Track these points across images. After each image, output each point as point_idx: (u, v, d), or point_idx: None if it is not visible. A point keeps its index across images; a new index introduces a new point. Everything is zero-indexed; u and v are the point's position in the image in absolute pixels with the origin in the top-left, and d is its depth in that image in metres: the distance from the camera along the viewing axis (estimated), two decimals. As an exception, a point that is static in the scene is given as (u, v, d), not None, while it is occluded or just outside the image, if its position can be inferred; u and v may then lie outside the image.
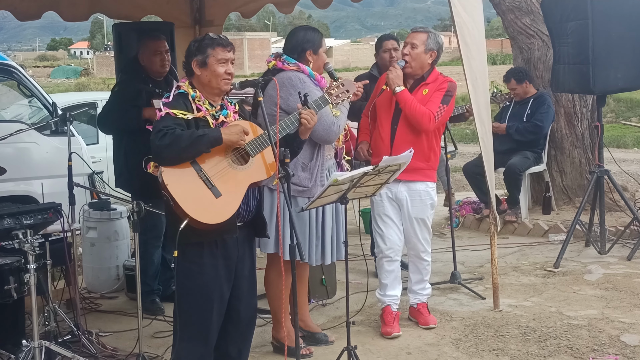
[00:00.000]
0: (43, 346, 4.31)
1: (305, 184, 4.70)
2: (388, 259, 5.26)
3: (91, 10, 6.95)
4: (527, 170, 8.11)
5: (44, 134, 7.20)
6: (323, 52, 4.86)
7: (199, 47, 3.88)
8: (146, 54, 5.86)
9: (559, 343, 4.96)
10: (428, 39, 5.13)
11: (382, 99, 5.24)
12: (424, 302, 5.44)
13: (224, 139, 3.73)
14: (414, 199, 5.18)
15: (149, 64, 5.85)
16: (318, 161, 4.75)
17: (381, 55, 6.47)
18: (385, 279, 5.30)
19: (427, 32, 5.20)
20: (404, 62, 5.12)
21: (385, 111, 5.18)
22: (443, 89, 5.14)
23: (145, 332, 4.97)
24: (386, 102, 5.20)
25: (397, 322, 5.28)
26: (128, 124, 5.68)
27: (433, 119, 5.05)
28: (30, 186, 6.93)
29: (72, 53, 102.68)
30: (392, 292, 5.31)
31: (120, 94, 5.89)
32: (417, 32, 5.22)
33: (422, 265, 5.36)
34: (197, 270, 3.82)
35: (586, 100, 8.45)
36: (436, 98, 5.11)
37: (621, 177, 8.73)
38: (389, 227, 5.22)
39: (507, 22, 8.79)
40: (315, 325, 5.18)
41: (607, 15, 6.61)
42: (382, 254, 5.27)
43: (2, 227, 4.37)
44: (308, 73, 4.73)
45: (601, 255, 6.97)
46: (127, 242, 6.56)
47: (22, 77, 7.78)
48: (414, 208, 5.18)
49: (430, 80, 5.18)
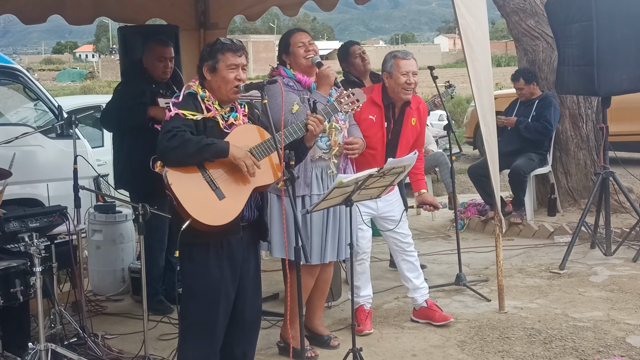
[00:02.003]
0: (49, 349, 4.32)
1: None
2: (360, 262, 5.30)
3: (96, 13, 6.98)
4: (532, 172, 8.11)
5: (49, 137, 7.21)
6: (296, 48, 4.76)
7: (210, 52, 3.88)
8: (150, 57, 5.88)
9: (565, 345, 4.95)
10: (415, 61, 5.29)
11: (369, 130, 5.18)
12: (429, 299, 5.47)
13: (230, 152, 3.71)
14: (392, 205, 5.33)
15: (152, 69, 5.87)
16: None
17: (353, 61, 6.54)
18: (358, 281, 5.31)
19: (413, 58, 5.31)
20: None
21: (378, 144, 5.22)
22: (425, 118, 5.46)
23: (151, 334, 4.98)
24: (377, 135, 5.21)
25: (370, 320, 5.34)
26: (133, 121, 5.71)
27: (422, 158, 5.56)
28: (36, 189, 6.94)
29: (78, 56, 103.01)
30: (365, 292, 5.39)
31: (123, 92, 5.92)
32: (409, 59, 5.25)
33: (410, 262, 5.42)
34: (203, 271, 3.83)
35: (591, 102, 8.44)
36: (422, 133, 5.49)
37: (626, 178, 8.70)
38: (362, 231, 5.25)
39: (511, 24, 8.78)
40: (323, 327, 5.18)
41: (612, 16, 6.61)
42: (356, 256, 5.27)
43: (8, 230, 4.38)
44: (285, 74, 4.75)
45: (607, 257, 6.96)
46: (132, 245, 6.57)
47: (27, 81, 7.80)
48: (395, 213, 5.32)
49: (414, 105, 5.34)
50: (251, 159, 3.75)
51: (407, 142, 5.31)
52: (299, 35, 4.81)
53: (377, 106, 5.23)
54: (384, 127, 5.21)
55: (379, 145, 5.21)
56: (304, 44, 4.76)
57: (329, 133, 4.76)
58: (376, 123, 5.21)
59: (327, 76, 4.66)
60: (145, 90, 5.79)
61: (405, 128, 5.29)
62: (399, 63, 5.19)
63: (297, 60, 4.76)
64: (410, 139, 5.33)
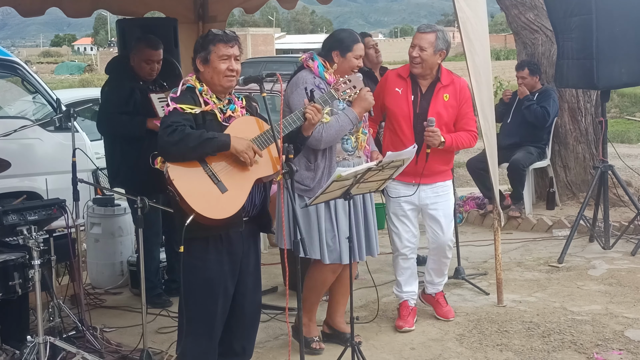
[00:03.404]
0: (47, 342, 4.33)
1: (307, 184, 4.63)
2: (403, 257, 5.27)
3: (94, 6, 6.96)
4: (531, 166, 8.12)
5: (48, 130, 7.21)
6: (353, 58, 4.69)
7: (202, 44, 3.87)
8: (138, 58, 5.81)
9: (563, 338, 4.96)
10: (437, 40, 4.99)
11: (395, 103, 5.14)
12: (442, 292, 5.47)
13: (232, 145, 3.71)
14: (438, 199, 5.19)
15: (138, 68, 5.82)
16: (324, 162, 4.63)
17: (367, 52, 6.41)
18: (401, 276, 5.32)
19: (434, 32, 5.02)
20: (434, 119, 4.98)
21: (405, 119, 5.11)
22: (469, 97, 5.14)
23: (149, 327, 4.99)
24: (403, 108, 5.11)
25: (413, 317, 5.30)
26: (131, 132, 5.67)
27: (475, 134, 5.18)
28: (35, 182, 6.94)
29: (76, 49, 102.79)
30: (409, 288, 5.34)
31: (112, 95, 5.81)
32: (424, 32, 5.05)
33: (444, 263, 5.37)
34: (202, 265, 3.83)
35: (590, 96, 8.44)
36: (469, 113, 5.16)
37: (625, 172, 8.70)
38: (405, 225, 5.22)
39: (510, 18, 8.78)
40: (345, 325, 5.04)
41: (611, 10, 6.60)
42: (397, 252, 5.29)
43: (7, 223, 4.37)
44: (318, 72, 4.65)
45: (605, 251, 6.97)
46: (131, 238, 6.56)
47: (26, 74, 7.79)
48: (438, 208, 5.19)
49: (446, 81, 5.10)
50: (253, 150, 3.74)
51: (439, 116, 5.04)
52: (361, 46, 4.75)
53: (403, 79, 5.14)
54: (409, 99, 5.10)
55: (406, 118, 5.10)
56: (360, 56, 4.74)
57: (355, 134, 4.74)
58: (402, 96, 5.12)
59: (365, 99, 4.59)
60: (133, 89, 5.73)
61: (435, 102, 5.07)
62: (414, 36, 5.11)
63: (344, 69, 4.66)
64: (443, 115, 5.06)
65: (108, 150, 6.00)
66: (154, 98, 5.68)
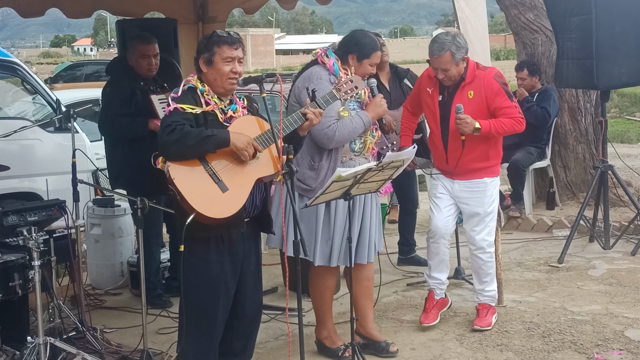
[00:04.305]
0: (48, 342, 4.33)
1: (309, 184, 4.57)
2: (432, 241, 5.25)
3: (94, 7, 6.95)
4: (531, 166, 8.12)
5: (47, 131, 7.21)
6: (368, 65, 4.63)
7: (206, 45, 3.87)
8: (134, 55, 5.83)
9: (563, 338, 4.96)
10: (453, 56, 4.85)
11: (426, 103, 5.14)
12: (486, 304, 5.27)
13: (231, 142, 3.71)
14: (472, 194, 5.13)
15: (136, 66, 5.83)
16: (328, 163, 4.57)
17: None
18: (431, 260, 5.29)
19: (447, 52, 4.84)
20: (462, 106, 4.90)
21: (433, 118, 5.13)
22: (498, 90, 4.96)
23: (149, 328, 4.99)
24: (431, 108, 5.11)
25: (437, 310, 5.26)
26: (133, 133, 5.68)
27: (520, 119, 4.99)
28: (35, 183, 6.94)
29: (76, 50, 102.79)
30: (437, 274, 5.28)
31: (113, 97, 5.81)
32: (438, 56, 4.88)
33: (478, 265, 5.24)
34: (203, 265, 3.83)
35: (590, 96, 8.44)
36: (505, 103, 4.96)
37: (625, 172, 8.71)
38: (438, 209, 5.20)
39: (510, 18, 8.78)
40: (378, 332, 4.96)
41: (611, 10, 6.60)
42: (429, 234, 5.28)
43: (7, 224, 4.38)
44: (333, 70, 4.61)
45: (605, 251, 6.97)
46: (131, 239, 6.56)
47: (25, 74, 7.79)
48: (469, 204, 5.13)
49: (470, 78, 4.98)
50: (252, 146, 3.74)
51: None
52: (379, 54, 4.75)
53: (433, 80, 5.11)
54: (436, 100, 5.08)
55: (434, 118, 5.10)
56: (376, 64, 4.72)
57: (363, 136, 4.68)
58: (431, 96, 5.11)
59: (380, 106, 4.61)
60: (134, 90, 5.74)
61: (458, 100, 4.98)
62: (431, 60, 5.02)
63: (357, 73, 4.59)
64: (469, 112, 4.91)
65: (109, 152, 6.00)
66: (154, 99, 5.68)
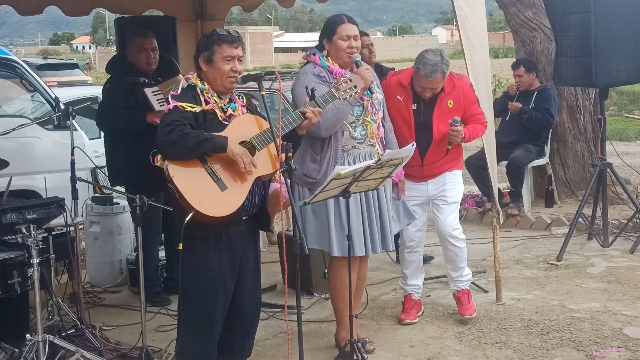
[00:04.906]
0: (47, 340, 4.33)
1: (313, 176, 4.55)
2: (409, 250, 5.32)
3: (93, 4, 6.95)
4: (530, 164, 8.12)
5: (46, 129, 7.20)
6: (339, 40, 4.58)
7: (206, 43, 3.87)
8: (133, 50, 5.85)
9: (562, 336, 4.96)
10: (444, 76, 4.96)
11: (397, 110, 5.11)
12: (464, 289, 5.37)
13: (228, 147, 3.70)
14: (445, 187, 5.21)
15: (136, 61, 5.84)
16: (329, 152, 4.56)
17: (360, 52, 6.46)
18: (407, 269, 5.38)
19: (440, 73, 4.93)
20: (459, 118, 5.02)
21: (406, 126, 5.11)
22: (474, 99, 5.16)
23: (148, 325, 5.00)
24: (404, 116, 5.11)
25: (416, 311, 5.35)
26: (131, 126, 5.67)
27: (487, 124, 5.27)
28: (33, 181, 6.92)
29: (75, 48, 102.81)
30: (414, 281, 5.39)
31: (113, 92, 5.83)
32: (431, 79, 4.94)
33: (454, 253, 5.31)
34: (202, 264, 3.83)
35: (589, 94, 8.44)
36: (477, 110, 5.19)
37: (624, 170, 8.71)
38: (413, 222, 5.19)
39: (509, 15, 8.77)
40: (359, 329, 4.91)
41: (610, 8, 6.60)
42: (404, 245, 5.33)
43: (6, 221, 4.38)
44: (320, 63, 4.61)
45: (604, 248, 6.97)
46: (130, 237, 6.57)
47: (24, 72, 7.78)
48: (447, 195, 5.20)
49: (449, 88, 5.07)
50: (249, 157, 3.74)
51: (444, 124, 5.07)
52: (347, 26, 4.62)
53: (404, 88, 5.11)
54: (410, 108, 5.08)
55: (406, 126, 5.11)
56: (350, 37, 4.60)
57: (363, 123, 4.64)
58: (403, 104, 5.10)
59: (364, 79, 4.45)
60: (135, 85, 5.74)
61: (438, 111, 5.07)
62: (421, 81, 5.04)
63: (338, 53, 4.60)
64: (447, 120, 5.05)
65: (109, 150, 6.00)
66: (147, 92, 5.69)
